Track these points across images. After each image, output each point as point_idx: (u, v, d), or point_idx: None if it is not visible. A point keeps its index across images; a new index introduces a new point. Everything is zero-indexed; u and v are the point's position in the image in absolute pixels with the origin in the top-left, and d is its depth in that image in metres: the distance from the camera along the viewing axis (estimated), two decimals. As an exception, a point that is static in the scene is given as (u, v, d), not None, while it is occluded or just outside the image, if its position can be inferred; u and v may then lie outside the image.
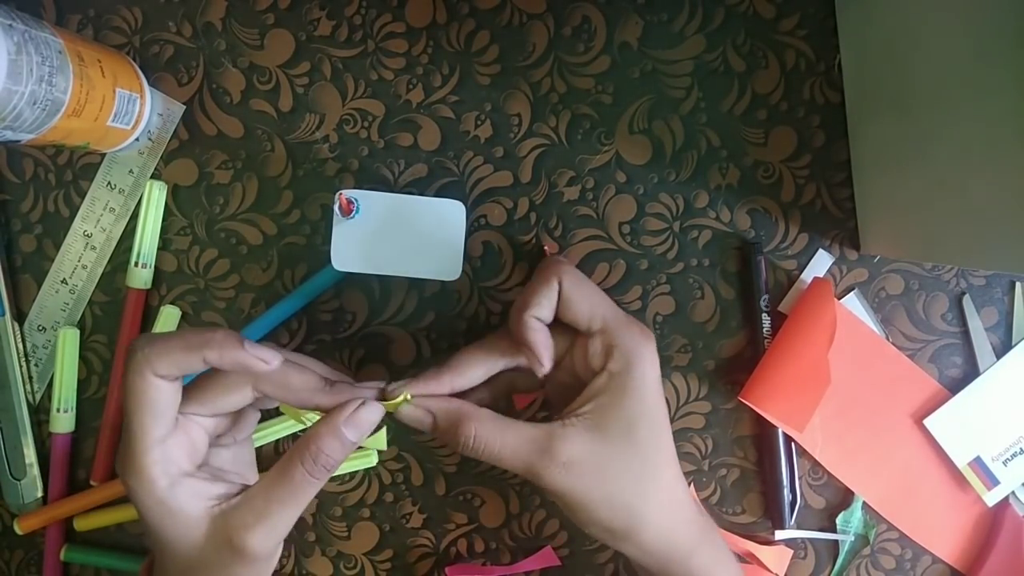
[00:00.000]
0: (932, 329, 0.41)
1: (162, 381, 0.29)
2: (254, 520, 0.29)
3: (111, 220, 0.41)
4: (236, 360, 0.29)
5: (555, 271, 0.33)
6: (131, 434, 0.29)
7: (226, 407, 0.32)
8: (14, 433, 0.41)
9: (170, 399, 0.30)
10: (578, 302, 0.33)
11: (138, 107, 0.38)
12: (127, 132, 0.39)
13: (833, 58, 0.40)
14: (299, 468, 0.30)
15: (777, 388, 0.39)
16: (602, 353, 0.32)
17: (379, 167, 0.41)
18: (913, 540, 0.41)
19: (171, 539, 0.30)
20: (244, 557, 0.30)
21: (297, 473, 0.30)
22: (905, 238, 0.37)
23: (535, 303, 0.33)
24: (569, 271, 0.33)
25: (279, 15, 0.41)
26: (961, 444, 0.40)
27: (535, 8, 0.40)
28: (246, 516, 0.30)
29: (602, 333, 0.33)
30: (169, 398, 0.30)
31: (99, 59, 0.35)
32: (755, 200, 0.41)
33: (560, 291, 0.33)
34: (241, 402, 0.32)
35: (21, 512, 0.42)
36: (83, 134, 0.36)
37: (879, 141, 0.38)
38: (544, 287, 0.33)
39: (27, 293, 0.42)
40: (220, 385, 0.32)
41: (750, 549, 0.41)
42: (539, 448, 0.31)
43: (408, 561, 0.43)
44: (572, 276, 0.33)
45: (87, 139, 0.36)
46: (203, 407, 0.32)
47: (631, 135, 0.41)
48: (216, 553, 0.30)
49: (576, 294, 0.33)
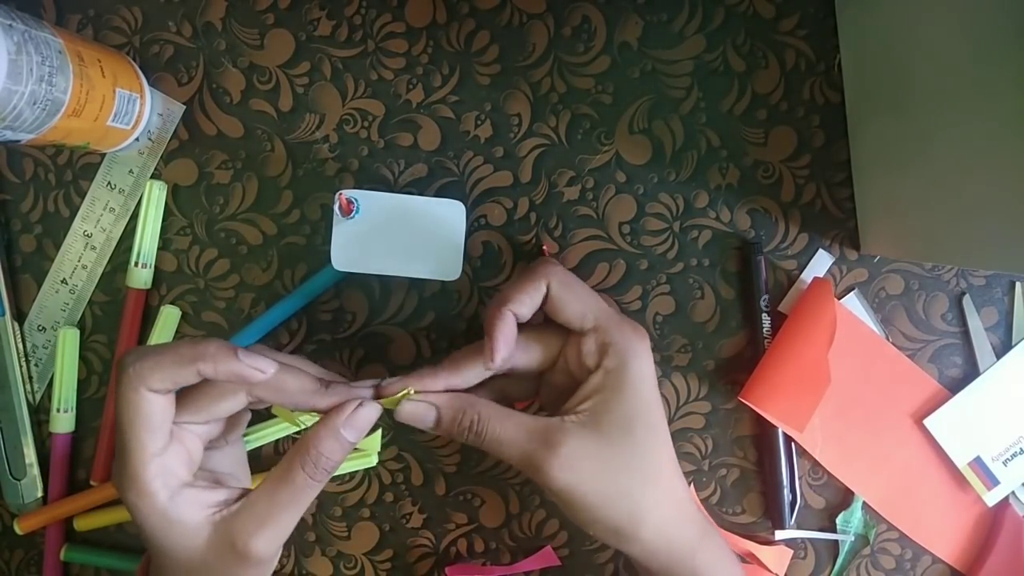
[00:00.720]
0: (932, 329, 0.41)
1: (155, 395, 0.29)
2: (257, 525, 0.30)
3: (111, 220, 0.41)
4: (231, 371, 0.29)
5: (544, 272, 0.33)
6: (127, 449, 0.29)
7: (220, 413, 0.32)
8: (14, 433, 0.41)
9: (165, 413, 0.30)
10: (570, 302, 0.33)
11: (138, 107, 0.38)
12: (127, 132, 0.39)
13: (833, 58, 0.40)
14: (300, 472, 0.30)
15: (777, 388, 0.39)
16: (596, 351, 0.32)
17: (379, 167, 0.41)
18: (913, 540, 0.41)
19: (173, 547, 0.30)
20: (248, 561, 0.30)
21: (299, 477, 0.30)
22: (905, 238, 0.37)
23: (516, 299, 0.32)
24: (558, 272, 0.33)
25: (279, 15, 0.41)
26: (961, 444, 0.40)
27: (535, 8, 0.40)
28: (249, 522, 0.30)
29: (595, 331, 0.32)
30: (164, 412, 0.29)
31: (99, 59, 0.35)
32: (755, 200, 0.41)
33: (549, 293, 0.33)
34: (235, 407, 0.32)
35: (21, 512, 0.42)
36: (83, 134, 0.36)
37: (879, 141, 0.38)
38: (530, 285, 0.32)
39: (27, 293, 0.42)
40: (213, 392, 0.32)
41: (750, 549, 0.41)
42: (540, 439, 0.31)
43: (408, 561, 0.43)
44: (561, 277, 0.33)
45: (87, 139, 0.36)
46: (197, 415, 0.31)
47: (631, 135, 0.41)
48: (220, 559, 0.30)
49: (567, 294, 0.33)
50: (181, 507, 0.29)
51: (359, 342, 0.42)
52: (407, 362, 0.42)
